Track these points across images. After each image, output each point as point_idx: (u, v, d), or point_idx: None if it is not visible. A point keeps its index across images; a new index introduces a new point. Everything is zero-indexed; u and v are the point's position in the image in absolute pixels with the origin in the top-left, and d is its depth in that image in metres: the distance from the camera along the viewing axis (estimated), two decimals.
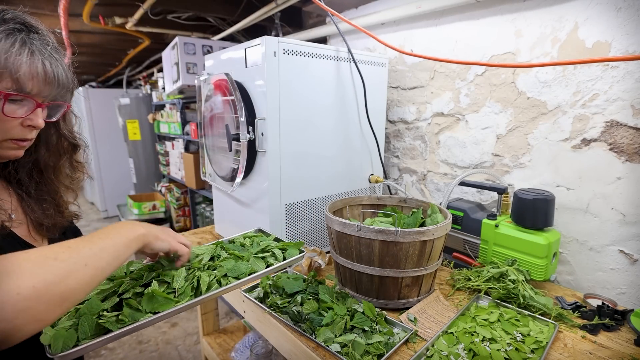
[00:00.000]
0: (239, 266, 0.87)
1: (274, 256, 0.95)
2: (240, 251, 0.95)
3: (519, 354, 0.88)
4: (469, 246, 1.37)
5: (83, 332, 0.64)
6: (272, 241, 1.02)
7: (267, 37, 1.21)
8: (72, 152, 0.88)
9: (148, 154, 4.82)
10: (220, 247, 0.97)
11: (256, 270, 0.88)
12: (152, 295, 0.72)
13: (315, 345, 0.93)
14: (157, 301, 0.72)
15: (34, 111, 0.68)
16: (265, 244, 0.99)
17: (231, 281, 0.83)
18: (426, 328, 1.01)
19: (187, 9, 2.43)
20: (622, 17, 1.10)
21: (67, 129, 0.86)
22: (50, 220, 0.83)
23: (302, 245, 1.00)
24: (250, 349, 1.62)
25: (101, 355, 2.70)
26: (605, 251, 1.23)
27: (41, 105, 0.70)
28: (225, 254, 0.93)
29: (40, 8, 2.36)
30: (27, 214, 0.81)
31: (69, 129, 0.86)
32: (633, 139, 1.13)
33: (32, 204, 0.81)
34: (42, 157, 0.82)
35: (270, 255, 0.95)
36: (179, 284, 0.78)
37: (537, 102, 1.33)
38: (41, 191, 0.84)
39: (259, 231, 1.12)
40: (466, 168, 1.61)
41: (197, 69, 2.71)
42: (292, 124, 1.32)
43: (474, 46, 1.49)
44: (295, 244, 0.99)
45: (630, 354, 0.90)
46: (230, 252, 0.94)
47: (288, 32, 2.51)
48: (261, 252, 0.95)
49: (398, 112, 1.86)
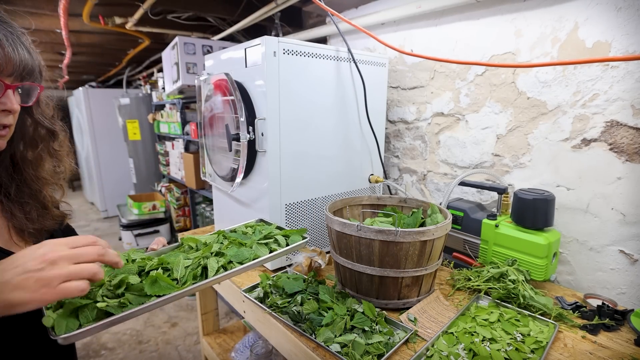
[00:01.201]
0: (242, 252, 0.85)
1: (277, 242, 0.93)
2: (242, 239, 0.92)
3: (519, 354, 0.88)
4: (469, 246, 1.37)
5: (85, 317, 0.63)
6: (275, 229, 1.01)
7: (267, 37, 1.21)
8: (49, 139, 0.82)
9: (148, 154, 4.82)
10: (223, 236, 0.95)
11: (260, 256, 0.86)
12: (156, 280, 0.71)
13: (315, 345, 0.93)
14: (160, 286, 0.70)
15: (4, 94, 0.66)
16: (267, 231, 0.98)
17: (235, 266, 0.81)
18: (426, 328, 1.01)
19: (187, 9, 2.43)
20: (622, 17, 1.10)
21: (42, 113, 0.80)
22: (34, 225, 0.78)
23: (304, 232, 0.98)
24: (250, 349, 1.62)
25: (101, 356, 2.70)
26: (605, 251, 1.23)
27: (10, 87, 0.67)
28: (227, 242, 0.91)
29: (40, 8, 2.35)
30: (7, 220, 0.75)
31: (44, 114, 0.81)
32: (633, 139, 1.13)
33: (13, 208, 0.76)
34: (19, 151, 0.77)
35: (273, 242, 0.93)
36: (180, 273, 0.77)
37: (537, 102, 1.33)
38: (22, 193, 0.78)
39: (260, 221, 1.10)
40: (466, 168, 1.61)
41: (197, 69, 2.71)
42: (292, 124, 1.32)
43: (474, 46, 1.49)
44: (297, 230, 0.97)
45: (630, 354, 0.90)
46: (233, 239, 0.92)
47: (288, 32, 2.51)
48: (264, 239, 0.93)
49: (398, 112, 1.86)
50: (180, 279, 0.76)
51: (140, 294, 0.69)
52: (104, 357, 2.69)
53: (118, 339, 2.90)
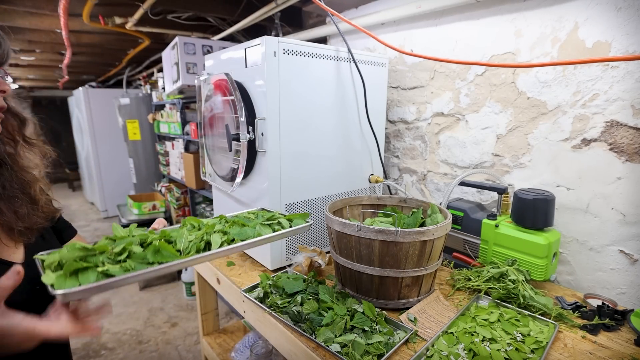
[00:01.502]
0: (245, 231, 0.83)
1: (280, 225, 0.92)
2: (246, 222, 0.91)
3: (519, 354, 0.88)
4: (469, 246, 1.37)
5: (85, 279, 0.61)
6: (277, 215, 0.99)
7: (267, 37, 1.21)
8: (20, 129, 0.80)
9: (148, 154, 4.82)
10: (225, 220, 0.93)
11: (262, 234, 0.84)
12: (159, 250, 0.69)
13: (315, 345, 0.93)
14: (163, 255, 0.69)
15: None
16: (270, 214, 0.97)
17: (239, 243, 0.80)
18: (426, 328, 1.01)
19: (187, 9, 2.43)
20: (622, 17, 1.10)
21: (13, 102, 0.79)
22: (24, 223, 0.76)
23: (307, 216, 0.97)
24: (250, 349, 1.62)
25: (101, 355, 2.70)
26: (605, 251, 1.23)
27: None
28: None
29: (40, 8, 2.35)
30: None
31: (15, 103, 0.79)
32: (633, 139, 1.13)
33: (1, 205, 0.75)
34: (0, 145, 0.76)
35: (276, 224, 0.92)
36: (184, 244, 0.75)
37: (537, 102, 1.33)
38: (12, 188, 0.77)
39: (262, 210, 1.09)
40: (466, 168, 1.61)
41: (197, 69, 2.70)
42: (292, 124, 1.32)
43: (474, 46, 1.49)
44: (301, 215, 0.97)
45: (630, 354, 0.90)
46: (236, 220, 0.90)
47: (288, 32, 2.51)
48: (267, 221, 0.92)
49: (398, 112, 1.86)
50: (184, 250, 0.74)
51: (142, 261, 0.68)
52: (104, 357, 2.69)
53: (118, 339, 2.90)
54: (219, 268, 1.41)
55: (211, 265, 1.45)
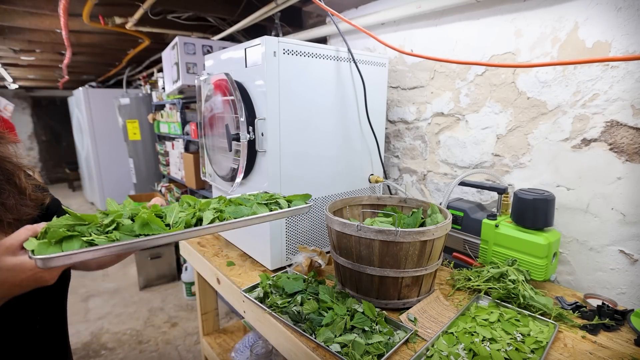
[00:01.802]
0: (241, 209, 0.81)
1: (278, 205, 0.90)
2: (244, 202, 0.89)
3: (519, 354, 0.88)
4: (469, 246, 1.37)
5: (69, 247, 0.60)
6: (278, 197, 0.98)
7: (267, 37, 1.21)
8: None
9: (148, 154, 4.82)
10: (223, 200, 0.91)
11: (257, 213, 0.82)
12: (147, 223, 0.68)
13: (315, 345, 0.93)
14: (150, 228, 0.68)
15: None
16: (269, 195, 0.95)
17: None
18: (426, 328, 1.01)
19: (187, 9, 2.43)
20: (622, 17, 1.10)
21: None
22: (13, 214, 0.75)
23: (309, 197, 0.95)
24: (250, 349, 1.62)
25: (101, 356, 2.70)
26: (605, 251, 1.23)
27: None
28: None
29: (40, 8, 2.35)
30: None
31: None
32: (633, 139, 1.13)
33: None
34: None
35: (274, 203, 0.90)
36: (173, 219, 0.74)
37: (537, 102, 1.33)
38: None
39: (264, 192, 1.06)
40: (466, 168, 1.61)
41: (197, 69, 2.70)
42: (292, 124, 1.32)
43: (474, 46, 1.49)
44: (302, 196, 0.95)
45: (630, 354, 0.90)
46: (234, 199, 0.88)
47: (288, 32, 2.51)
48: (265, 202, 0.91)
49: (398, 112, 1.86)
50: (173, 224, 0.73)
51: (130, 234, 0.67)
52: (104, 357, 2.69)
53: (118, 339, 2.90)
54: (219, 268, 1.41)
55: (211, 265, 1.45)
